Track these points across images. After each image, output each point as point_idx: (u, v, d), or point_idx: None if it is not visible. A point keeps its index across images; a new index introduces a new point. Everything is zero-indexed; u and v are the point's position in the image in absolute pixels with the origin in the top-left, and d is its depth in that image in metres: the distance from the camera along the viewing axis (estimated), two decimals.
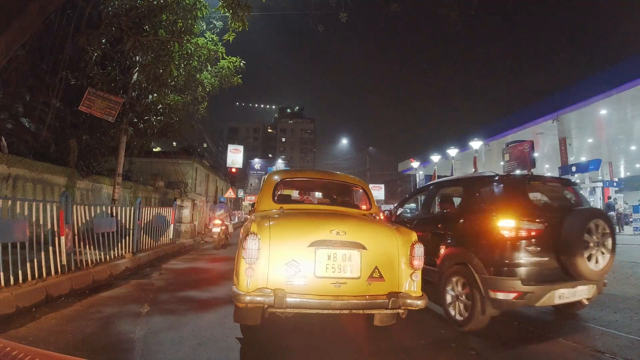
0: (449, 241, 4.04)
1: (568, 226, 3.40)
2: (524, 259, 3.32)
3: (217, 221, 10.55)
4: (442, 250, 4.05)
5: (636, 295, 5.09)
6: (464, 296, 3.63)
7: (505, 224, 3.39)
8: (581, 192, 4.45)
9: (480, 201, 3.95)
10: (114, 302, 4.03)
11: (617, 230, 13.95)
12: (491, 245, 3.45)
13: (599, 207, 10.18)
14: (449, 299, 3.81)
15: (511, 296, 3.24)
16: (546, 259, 3.40)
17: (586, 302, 3.81)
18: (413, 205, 7.26)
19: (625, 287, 5.58)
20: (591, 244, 3.37)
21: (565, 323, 3.92)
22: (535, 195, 4.07)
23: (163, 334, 3.11)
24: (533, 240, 3.37)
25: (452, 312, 3.73)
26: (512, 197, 3.71)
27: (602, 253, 3.43)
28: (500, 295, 3.27)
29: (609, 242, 3.46)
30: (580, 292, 3.50)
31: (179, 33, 7.32)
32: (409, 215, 5.88)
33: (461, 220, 4.03)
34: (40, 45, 8.78)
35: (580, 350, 3.12)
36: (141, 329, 3.15)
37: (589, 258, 3.35)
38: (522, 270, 3.29)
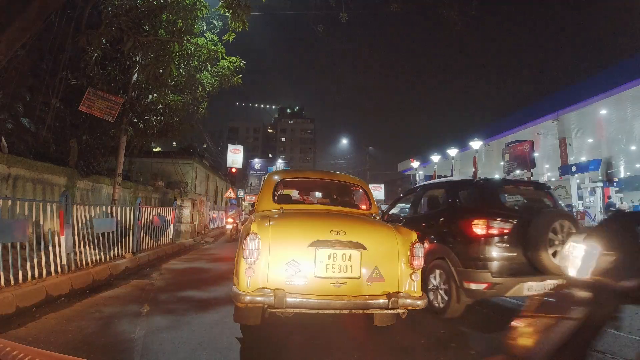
0: (431, 237, 4.36)
1: (534, 225, 3.74)
2: (494, 254, 3.68)
3: (230, 219, 13.21)
4: (426, 246, 4.36)
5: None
6: (442, 287, 3.99)
7: (477, 223, 3.80)
8: (556, 195, 4.87)
9: (458, 202, 4.43)
10: (114, 302, 4.03)
11: None
12: (465, 241, 3.84)
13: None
14: (430, 289, 4.15)
15: (482, 286, 3.60)
16: (515, 254, 3.75)
17: None
18: (403, 205, 7.59)
19: None
20: (556, 242, 3.67)
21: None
22: (508, 198, 4.65)
23: (163, 334, 3.11)
24: (502, 237, 3.75)
25: (433, 301, 4.07)
26: (485, 199, 4.19)
27: None
28: (473, 286, 3.64)
29: None
30: (550, 286, 3.74)
31: (179, 33, 7.31)
32: (400, 214, 6.17)
33: (442, 219, 4.43)
34: (40, 45, 8.78)
35: None
36: (141, 329, 3.15)
37: (554, 254, 3.62)
38: (493, 264, 3.64)
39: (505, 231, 3.75)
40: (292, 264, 2.75)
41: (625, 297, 0.83)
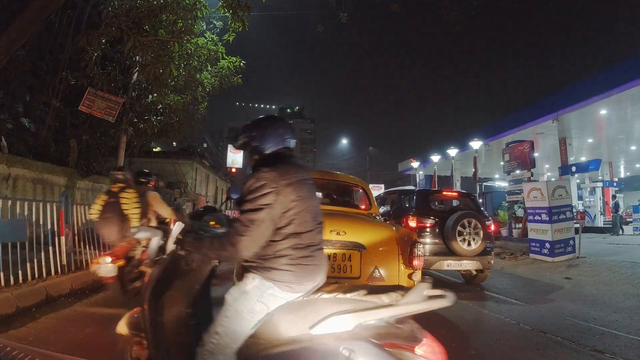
0: None
1: (448, 222, 5.38)
2: (423, 240, 5.25)
3: None
4: None
5: (636, 295, 5.09)
6: None
7: (411, 219, 5.54)
8: (478, 200, 6.84)
9: (403, 204, 6.30)
10: (114, 302, 4.02)
11: (617, 232, 13.92)
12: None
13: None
14: None
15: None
16: (437, 241, 5.45)
17: (474, 273, 5.78)
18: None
19: (625, 287, 5.58)
20: (464, 233, 5.32)
21: (566, 323, 3.92)
22: (436, 202, 6.48)
23: None
24: (428, 229, 5.48)
25: None
26: (419, 202, 5.96)
27: (474, 239, 5.33)
28: None
29: (480, 232, 5.36)
30: (466, 265, 5.41)
31: (179, 33, 7.30)
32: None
33: (393, 215, 6.15)
34: (40, 45, 8.79)
35: (580, 350, 3.12)
36: None
37: (463, 242, 5.28)
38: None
39: (429, 225, 5.50)
40: None
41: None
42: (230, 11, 6.32)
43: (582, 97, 11.91)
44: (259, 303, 1.39)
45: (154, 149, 18.01)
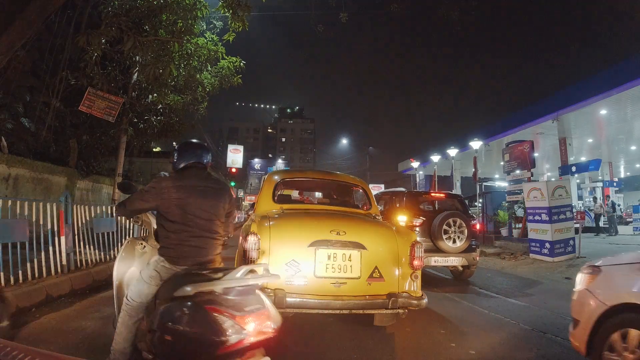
0: None
1: (435, 221, 5.79)
2: None
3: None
4: None
5: None
6: None
7: (401, 218, 5.92)
8: (465, 201, 7.12)
9: (394, 204, 6.55)
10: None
11: (611, 232, 13.91)
12: None
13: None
14: None
15: None
16: (425, 238, 5.70)
17: (460, 269, 6.15)
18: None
19: None
20: (450, 232, 5.72)
21: (566, 324, 3.92)
22: (425, 203, 6.82)
23: None
24: (417, 228, 5.77)
25: None
26: (409, 203, 6.35)
27: (459, 237, 5.73)
28: None
29: (465, 231, 5.76)
30: (452, 261, 5.82)
31: (179, 33, 7.29)
32: None
33: (385, 214, 6.24)
34: (40, 45, 8.79)
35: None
36: None
37: (449, 239, 5.68)
38: None
39: (418, 224, 5.86)
40: (292, 264, 2.75)
41: None
42: (230, 11, 6.30)
43: (582, 97, 11.90)
44: (154, 271, 1.98)
45: (154, 149, 18.02)
